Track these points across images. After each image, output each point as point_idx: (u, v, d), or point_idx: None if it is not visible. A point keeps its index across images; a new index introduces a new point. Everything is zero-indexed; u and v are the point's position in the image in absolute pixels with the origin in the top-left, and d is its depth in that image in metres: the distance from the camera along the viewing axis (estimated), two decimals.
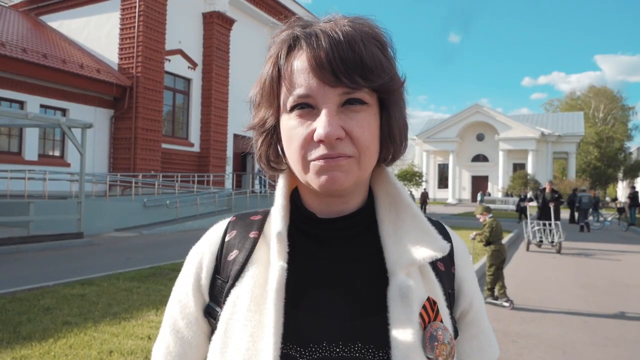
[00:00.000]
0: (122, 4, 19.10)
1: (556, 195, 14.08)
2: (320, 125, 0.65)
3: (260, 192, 21.78)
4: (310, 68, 0.66)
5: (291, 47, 0.69)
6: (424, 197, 30.12)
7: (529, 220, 12.64)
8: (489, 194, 40.60)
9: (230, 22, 22.59)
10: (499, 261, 6.55)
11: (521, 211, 23.41)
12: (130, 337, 4.41)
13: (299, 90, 0.66)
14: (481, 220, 6.80)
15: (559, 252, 11.97)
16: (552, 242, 12.21)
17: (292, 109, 0.68)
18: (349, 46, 0.65)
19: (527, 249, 12.45)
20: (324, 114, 0.65)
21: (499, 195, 41.24)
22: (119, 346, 4.16)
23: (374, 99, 0.69)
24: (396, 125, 0.72)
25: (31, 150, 16.72)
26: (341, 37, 0.65)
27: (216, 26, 21.83)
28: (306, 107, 0.67)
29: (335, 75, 0.64)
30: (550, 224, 12.39)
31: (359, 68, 0.65)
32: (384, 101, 0.71)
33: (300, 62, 0.67)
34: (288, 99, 0.68)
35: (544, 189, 14.38)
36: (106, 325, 4.74)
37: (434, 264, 0.74)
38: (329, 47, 0.65)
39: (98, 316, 5.06)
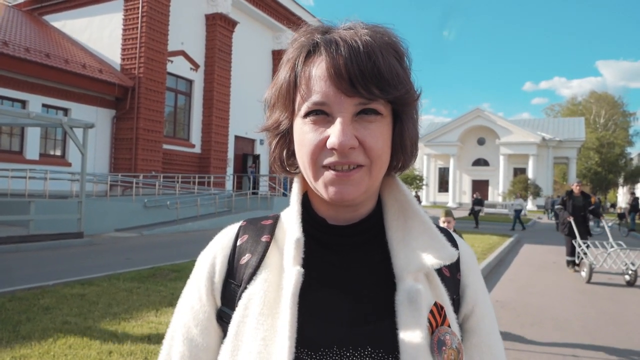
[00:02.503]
0: (125, 4, 19.14)
1: (588, 201, 10.21)
2: (335, 134, 0.66)
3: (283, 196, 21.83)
4: (328, 76, 0.66)
5: (310, 52, 0.70)
6: (416, 200, 30.36)
7: (579, 240, 9.41)
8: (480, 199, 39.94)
9: (232, 23, 22.61)
10: None
11: (475, 215, 22.00)
12: (130, 337, 4.41)
13: (315, 97, 0.67)
14: (451, 226, 5.50)
15: (633, 283, 8.54)
16: (632, 270, 8.52)
17: (307, 114, 0.68)
18: (367, 56, 0.65)
19: (589, 280, 8.72)
20: (338, 123, 0.66)
21: (499, 199, 41.18)
22: (119, 346, 4.16)
23: (388, 109, 0.70)
24: (408, 136, 0.73)
25: (32, 149, 16.72)
26: (360, 46, 0.66)
27: (219, 28, 21.85)
28: (321, 114, 0.68)
29: (352, 85, 0.65)
30: (588, 243, 9.32)
31: (376, 79, 0.65)
32: (398, 112, 0.71)
33: (318, 69, 0.68)
34: (303, 105, 0.69)
35: (571, 191, 10.26)
36: (106, 326, 4.73)
37: (439, 270, 0.75)
38: (348, 56, 0.65)
39: (98, 316, 5.06)
